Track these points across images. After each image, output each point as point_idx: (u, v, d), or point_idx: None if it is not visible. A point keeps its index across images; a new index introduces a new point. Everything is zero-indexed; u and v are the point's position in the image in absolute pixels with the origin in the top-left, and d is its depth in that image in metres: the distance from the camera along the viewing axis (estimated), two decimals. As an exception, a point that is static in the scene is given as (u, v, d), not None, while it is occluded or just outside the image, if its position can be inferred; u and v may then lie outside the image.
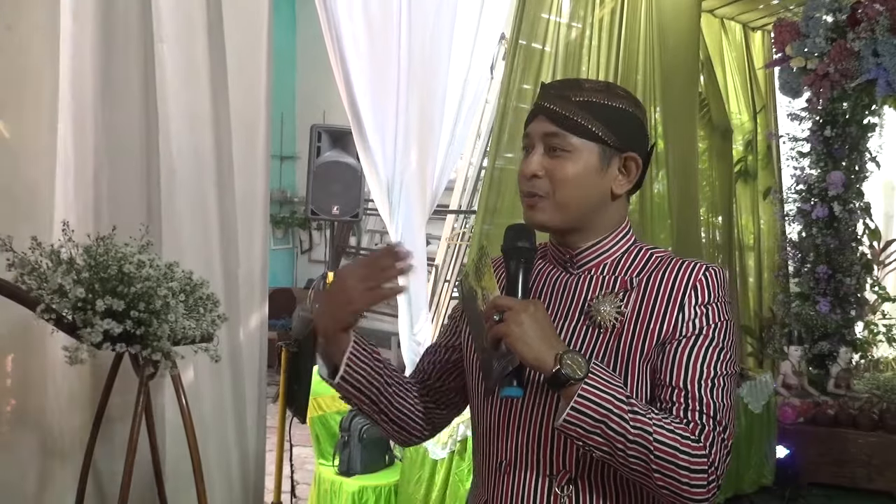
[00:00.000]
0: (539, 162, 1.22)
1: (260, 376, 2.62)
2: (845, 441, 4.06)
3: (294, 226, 8.16)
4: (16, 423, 2.11)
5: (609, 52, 3.86)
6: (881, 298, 5.01)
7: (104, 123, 2.20)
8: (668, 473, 1.08)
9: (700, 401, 1.13)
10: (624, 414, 1.07)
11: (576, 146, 1.20)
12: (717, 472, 1.10)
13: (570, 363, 1.08)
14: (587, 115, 1.20)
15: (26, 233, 1.87)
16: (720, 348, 1.17)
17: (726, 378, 1.16)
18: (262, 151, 2.57)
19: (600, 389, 1.08)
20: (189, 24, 2.36)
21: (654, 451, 1.07)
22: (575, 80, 1.28)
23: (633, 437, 1.07)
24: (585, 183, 1.21)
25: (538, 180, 1.22)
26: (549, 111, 1.22)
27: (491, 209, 3.60)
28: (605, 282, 1.23)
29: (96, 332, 1.77)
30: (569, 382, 1.08)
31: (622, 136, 1.21)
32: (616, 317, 1.19)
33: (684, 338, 1.16)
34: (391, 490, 3.25)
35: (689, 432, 1.10)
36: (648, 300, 1.19)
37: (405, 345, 3.68)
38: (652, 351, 1.17)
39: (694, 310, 1.17)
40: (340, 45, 3.02)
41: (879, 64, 4.04)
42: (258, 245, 2.58)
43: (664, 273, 1.21)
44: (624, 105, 1.22)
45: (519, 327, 1.11)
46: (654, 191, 4.00)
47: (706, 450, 1.09)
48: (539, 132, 1.23)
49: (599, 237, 1.26)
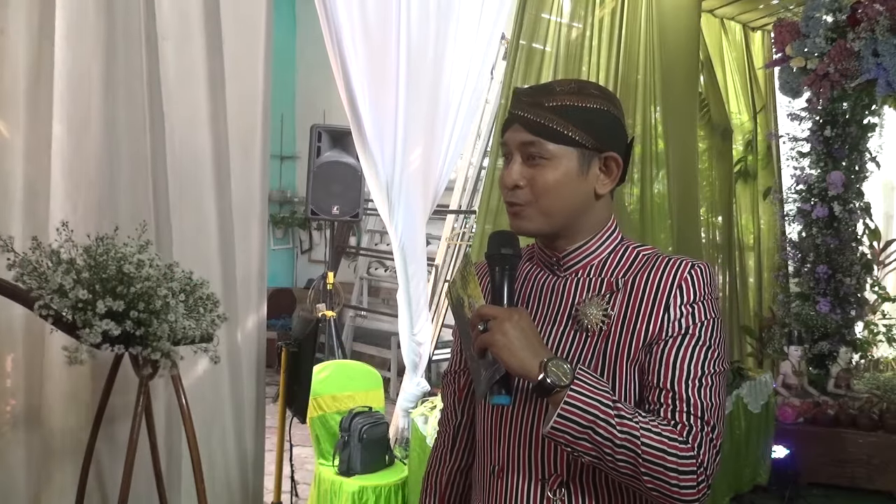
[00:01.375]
0: (519, 171, 1.21)
1: (259, 376, 2.62)
2: (845, 441, 4.06)
3: (294, 226, 8.16)
4: (16, 423, 2.11)
5: (609, 52, 3.87)
6: (881, 298, 5.01)
7: (103, 123, 2.20)
8: (657, 476, 1.08)
9: (687, 401, 1.12)
10: (611, 419, 1.07)
11: (554, 153, 1.19)
12: (707, 473, 1.10)
13: (554, 370, 1.08)
14: (562, 121, 1.18)
15: (26, 233, 1.87)
16: (707, 346, 1.15)
17: (714, 377, 1.15)
18: (261, 152, 2.57)
19: (586, 395, 1.08)
20: (187, 23, 2.36)
21: (642, 455, 1.07)
22: (546, 85, 1.24)
23: (621, 441, 1.07)
24: (567, 188, 1.20)
25: (520, 190, 1.22)
26: (523, 119, 1.20)
27: (492, 209, 3.61)
28: (591, 284, 1.23)
29: (95, 333, 1.77)
30: (554, 390, 1.08)
31: (599, 136, 1.20)
32: (603, 320, 1.19)
33: (671, 338, 1.16)
34: (391, 490, 3.25)
35: (676, 434, 1.10)
36: (634, 301, 1.19)
37: (405, 345, 3.68)
38: (639, 352, 1.17)
39: (680, 309, 1.16)
40: (340, 45, 3.02)
41: (879, 64, 4.04)
42: (256, 245, 2.58)
43: (650, 273, 1.20)
44: (598, 105, 1.20)
45: (503, 336, 1.11)
46: (654, 191, 4.01)
47: (694, 451, 1.09)
48: (516, 141, 1.22)
49: (586, 238, 1.25)
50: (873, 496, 3.98)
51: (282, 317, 6.85)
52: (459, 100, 3.54)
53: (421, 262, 3.55)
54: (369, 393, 3.51)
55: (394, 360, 6.09)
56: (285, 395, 2.79)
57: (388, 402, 4.20)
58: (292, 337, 2.79)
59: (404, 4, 3.19)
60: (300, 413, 2.73)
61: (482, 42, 3.57)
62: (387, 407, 3.73)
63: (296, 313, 7.05)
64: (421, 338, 3.68)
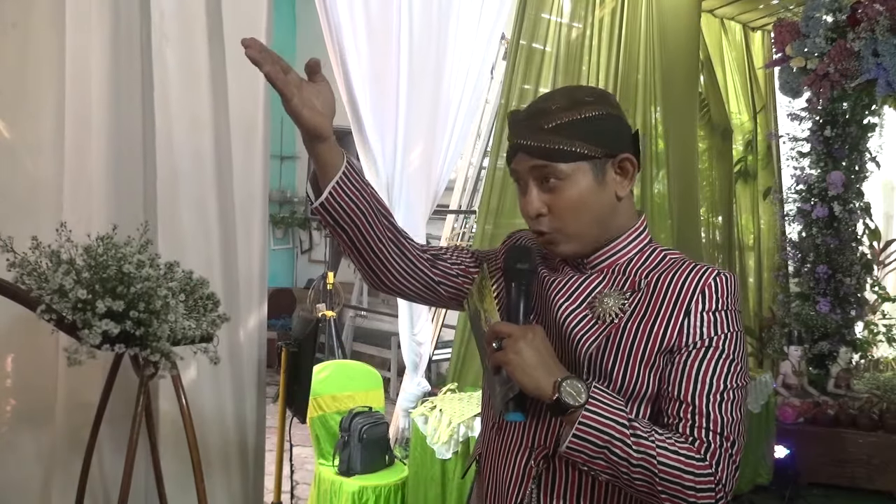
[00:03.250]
0: (537, 198, 1.20)
1: (259, 376, 2.62)
2: (845, 441, 4.06)
3: (294, 226, 8.16)
4: (16, 423, 2.11)
5: (609, 52, 3.87)
6: (881, 298, 5.01)
7: (105, 123, 2.20)
8: (675, 494, 1.07)
9: (707, 417, 1.11)
10: (626, 438, 1.07)
11: (567, 172, 1.17)
12: (726, 489, 1.09)
13: (569, 390, 1.08)
14: (566, 140, 1.16)
15: (26, 233, 1.87)
16: (731, 360, 1.14)
17: (736, 391, 1.13)
18: (261, 152, 2.57)
19: (601, 415, 1.07)
20: (188, 23, 2.36)
21: (658, 474, 1.07)
22: (539, 105, 1.22)
23: (637, 460, 1.07)
24: (589, 203, 1.19)
25: (543, 218, 1.21)
26: (526, 147, 1.19)
27: (493, 210, 3.61)
28: (615, 281, 1.23)
29: (95, 333, 1.76)
30: (569, 410, 1.08)
31: (607, 143, 1.18)
32: (617, 312, 1.18)
33: (694, 349, 1.14)
34: (391, 490, 3.24)
35: (694, 451, 1.09)
36: (655, 301, 1.17)
37: (405, 345, 3.68)
38: (654, 356, 1.15)
39: (700, 316, 1.15)
40: (340, 45, 3.02)
41: (879, 64, 4.03)
42: (257, 245, 2.58)
43: (674, 275, 1.19)
44: (596, 111, 1.18)
45: (517, 356, 1.11)
46: (654, 191, 4.01)
47: (712, 468, 1.08)
48: (525, 168, 1.21)
49: (613, 238, 1.25)
50: (873, 496, 3.99)
51: (282, 317, 6.85)
52: (459, 99, 3.54)
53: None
54: (369, 393, 3.50)
55: (394, 360, 6.09)
56: (285, 395, 2.78)
57: (388, 402, 4.20)
58: (292, 337, 2.79)
59: (405, 4, 3.20)
60: (300, 413, 2.73)
61: (482, 42, 3.57)
62: (387, 407, 3.73)
63: (296, 313, 7.04)
64: (421, 338, 3.68)
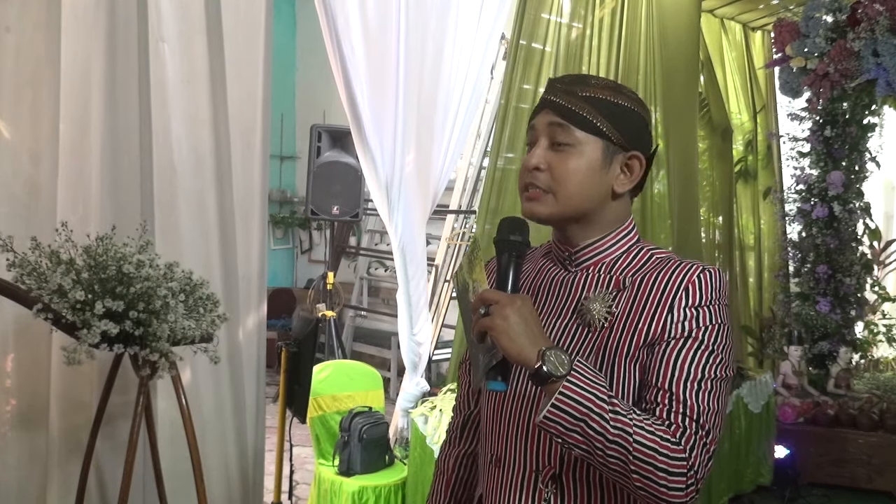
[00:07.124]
0: (542, 155, 1.22)
1: (259, 376, 2.62)
2: (845, 441, 4.06)
3: (294, 226, 8.16)
4: (16, 423, 2.11)
5: (609, 52, 3.86)
6: (881, 298, 5.02)
7: (104, 123, 2.20)
8: (646, 475, 1.07)
9: (684, 403, 1.11)
10: (605, 413, 1.06)
11: (580, 140, 1.20)
12: (697, 476, 1.08)
13: (552, 360, 1.07)
14: (592, 110, 1.19)
15: (26, 233, 1.87)
16: (710, 351, 1.14)
17: (714, 382, 1.13)
18: (261, 152, 2.57)
19: (582, 388, 1.07)
20: (188, 24, 2.36)
21: (632, 452, 1.06)
22: (582, 75, 1.27)
23: (613, 437, 1.06)
24: (587, 178, 1.21)
25: (540, 173, 1.22)
26: (554, 104, 1.22)
27: (492, 209, 3.61)
28: (600, 281, 1.23)
29: (94, 333, 1.77)
30: (551, 379, 1.07)
31: (626, 134, 1.21)
32: (605, 316, 1.19)
33: (673, 339, 1.15)
34: (391, 490, 3.24)
35: (669, 434, 1.09)
36: (640, 300, 1.18)
37: (405, 345, 3.68)
38: (639, 351, 1.16)
39: (683, 311, 1.15)
40: (340, 45, 3.02)
41: (879, 64, 4.04)
42: (256, 245, 2.58)
43: (659, 274, 1.20)
44: (630, 104, 1.22)
45: (504, 321, 1.10)
46: (655, 191, 4.00)
47: (686, 453, 1.08)
48: (544, 123, 1.23)
49: (599, 235, 1.25)
50: (873, 496, 3.99)
51: (282, 317, 6.85)
52: (459, 100, 3.54)
53: (421, 262, 3.55)
54: (369, 393, 3.51)
55: (394, 360, 6.09)
56: (285, 395, 2.79)
57: (388, 402, 4.20)
58: (292, 337, 2.79)
59: (404, 4, 3.19)
60: (300, 413, 2.74)
61: (482, 42, 3.57)
62: (387, 407, 3.73)
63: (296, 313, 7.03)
64: (421, 338, 3.68)
